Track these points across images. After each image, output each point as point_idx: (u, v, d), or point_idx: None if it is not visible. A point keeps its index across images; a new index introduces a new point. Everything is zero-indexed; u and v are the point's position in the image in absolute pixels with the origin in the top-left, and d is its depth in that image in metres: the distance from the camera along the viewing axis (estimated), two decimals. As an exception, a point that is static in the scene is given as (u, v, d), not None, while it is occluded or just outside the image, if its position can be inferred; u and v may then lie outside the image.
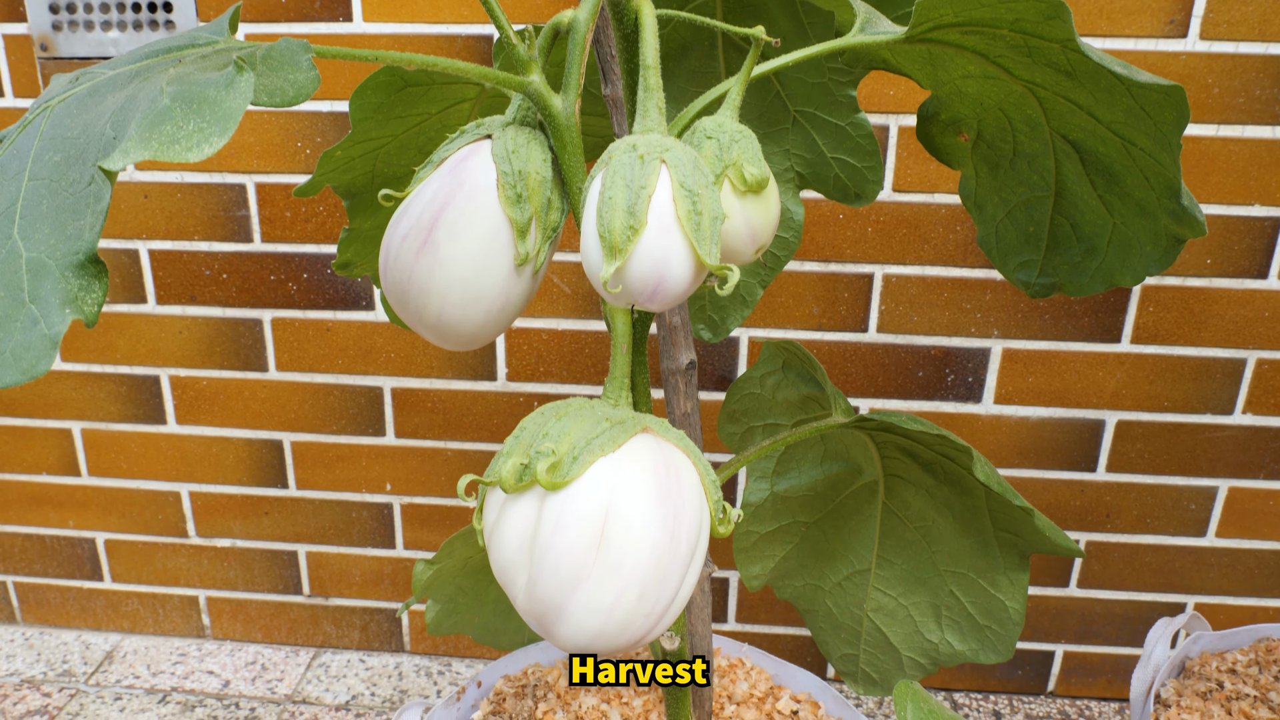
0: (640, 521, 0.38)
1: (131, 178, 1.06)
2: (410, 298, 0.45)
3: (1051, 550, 0.62)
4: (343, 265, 0.65)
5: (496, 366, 1.10)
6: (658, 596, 0.39)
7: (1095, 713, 1.20)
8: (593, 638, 0.39)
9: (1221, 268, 1.01)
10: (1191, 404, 1.06)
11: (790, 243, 0.72)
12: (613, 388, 0.43)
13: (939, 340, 1.06)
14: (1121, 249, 0.52)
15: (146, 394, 1.16)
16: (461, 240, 0.44)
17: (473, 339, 0.46)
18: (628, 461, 0.39)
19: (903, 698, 0.54)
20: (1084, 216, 0.53)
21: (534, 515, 0.39)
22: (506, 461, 0.39)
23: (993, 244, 0.59)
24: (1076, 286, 0.57)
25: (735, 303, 0.73)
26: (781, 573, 0.75)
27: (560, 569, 0.38)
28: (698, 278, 0.38)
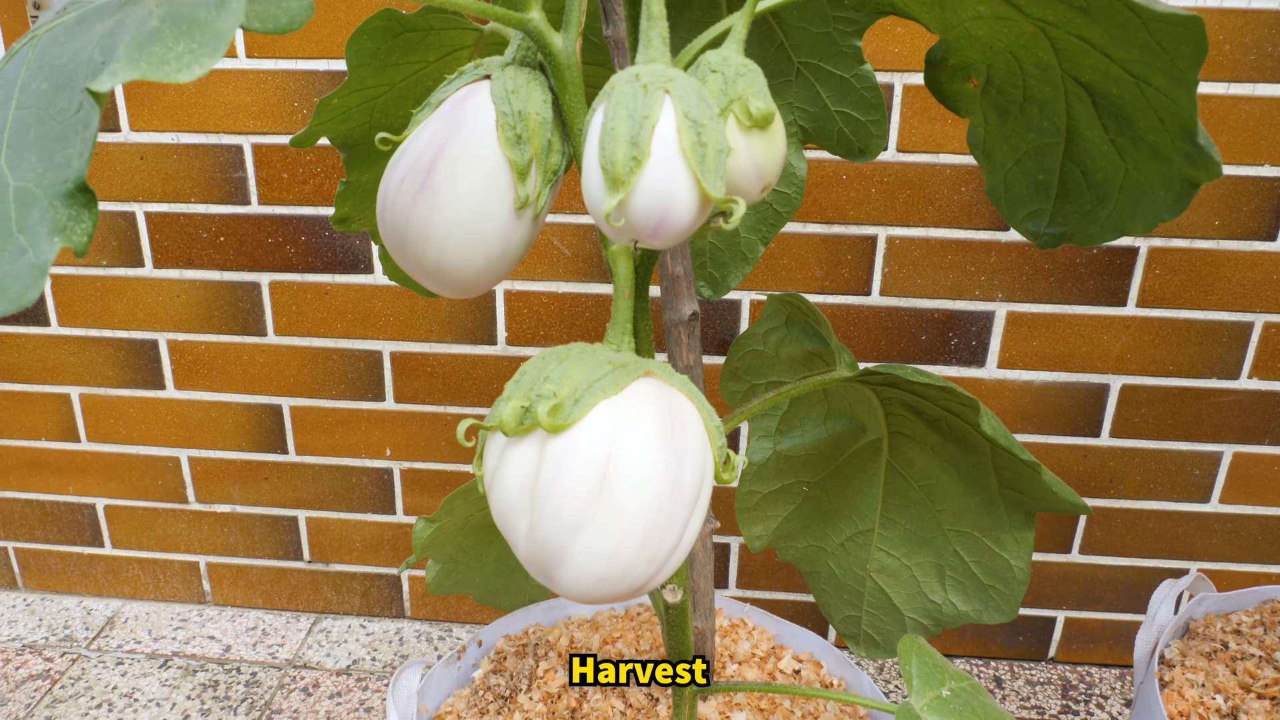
0: (643, 465, 0.37)
1: (127, 139, 1.05)
2: (408, 242, 0.44)
3: (1056, 507, 0.62)
4: (340, 220, 0.64)
5: (496, 330, 1.10)
6: (660, 542, 0.38)
7: (1096, 678, 1.20)
8: (595, 583, 0.38)
9: (1230, 229, 1.00)
10: (1197, 368, 1.06)
11: (792, 198, 0.70)
12: (615, 333, 0.42)
13: (943, 303, 1.05)
14: (1133, 195, 0.51)
15: (144, 358, 1.15)
16: (460, 183, 0.43)
17: (472, 285, 0.46)
18: (630, 404, 0.38)
19: (907, 651, 0.54)
20: (1095, 162, 0.52)
21: (535, 459, 0.38)
22: (507, 405, 0.38)
23: (1001, 193, 0.58)
24: (1086, 236, 0.56)
25: (736, 259, 0.72)
26: (784, 533, 0.74)
27: (562, 513, 0.37)
28: (703, 212, 0.37)
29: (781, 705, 0.71)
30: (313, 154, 1.04)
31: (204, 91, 1.02)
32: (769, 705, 0.71)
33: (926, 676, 0.52)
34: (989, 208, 1.00)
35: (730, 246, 0.70)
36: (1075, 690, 1.18)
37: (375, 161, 0.61)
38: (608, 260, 0.43)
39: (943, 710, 0.50)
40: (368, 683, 1.16)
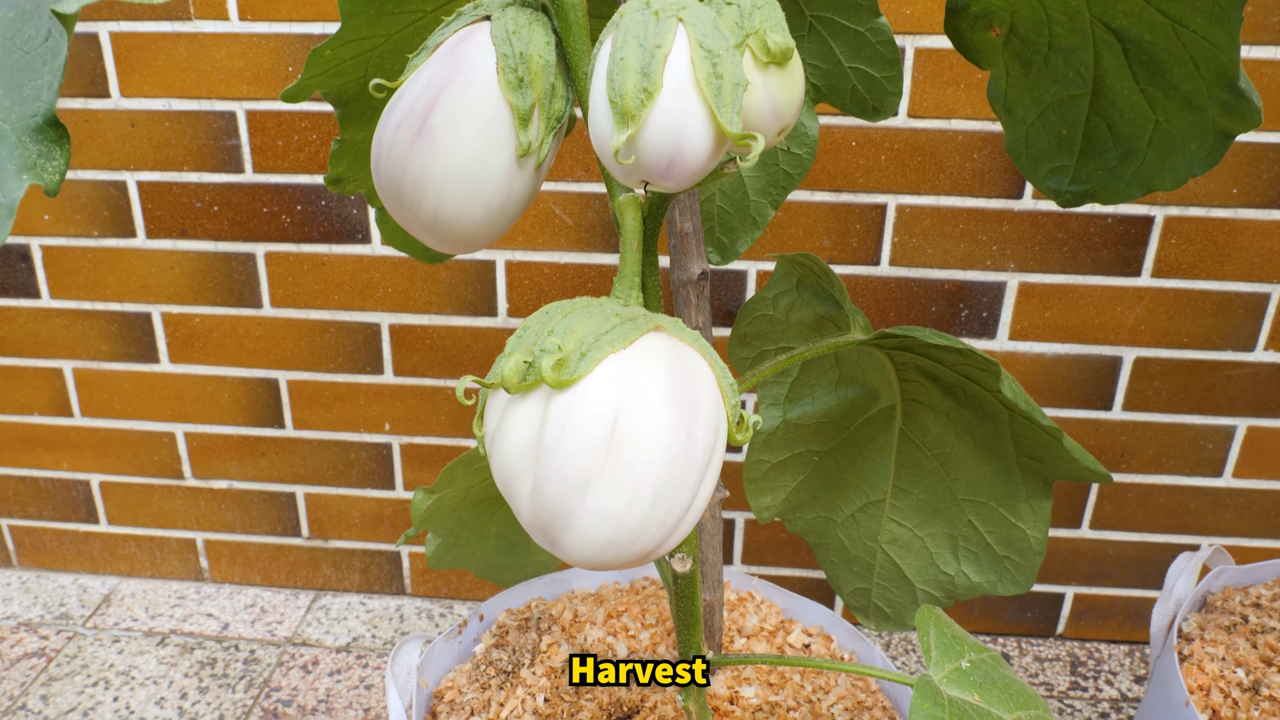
0: (653, 422, 0.35)
1: (117, 105, 1.02)
2: (405, 194, 0.42)
3: (1077, 476, 0.60)
4: (335, 181, 0.62)
5: (497, 302, 1.07)
6: (671, 503, 0.36)
7: (1105, 655, 1.18)
8: (602, 547, 0.36)
9: (1248, 197, 0.97)
10: (1212, 340, 1.04)
11: (804, 159, 0.68)
12: (622, 286, 0.40)
13: (953, 274, 1.02)
14: (1163, 149, 0.49)
15: (138, 331, 1.13)
16: (459, 129, 0.40)
17: (471, 239, 0.43)
18: (640, 359, 0.36)
19: (925, 622, 0.52)
20: (1123, 115, 0.50)
21: (539, 417, 0.36)
22: (508, 360, 0.36)
23: (1022, 150, 0.56)
24: (1111, 194, 0.53)
25: (745, 223, 0.69)
26: (793, 504, 0.72)
27: (568, 473, 0.35)
28: (718, 149, 0.35)
29: (791, 679, 0.69)
30: (308, 120, 1.01)
31: (196, 56, 0.99)
32: (778, 679, 0.69)
33: (945, 648, 0.50)
34: (1002, 175, 0.98)
35: (739, 210, 0.68)
36: (1084, 666, 1.17)
37: (371, 118, 0.59)
38: (614, 212, 0.41)
39: (962, 682, 0.49)
40: (368, 660, 1.15)
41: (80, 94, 1.02)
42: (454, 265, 1.06)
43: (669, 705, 0.66)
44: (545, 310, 0.39)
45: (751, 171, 0.68)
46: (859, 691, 0.69)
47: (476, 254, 1.05)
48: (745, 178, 0.67)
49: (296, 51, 0.98)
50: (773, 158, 0.68)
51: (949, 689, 0.48)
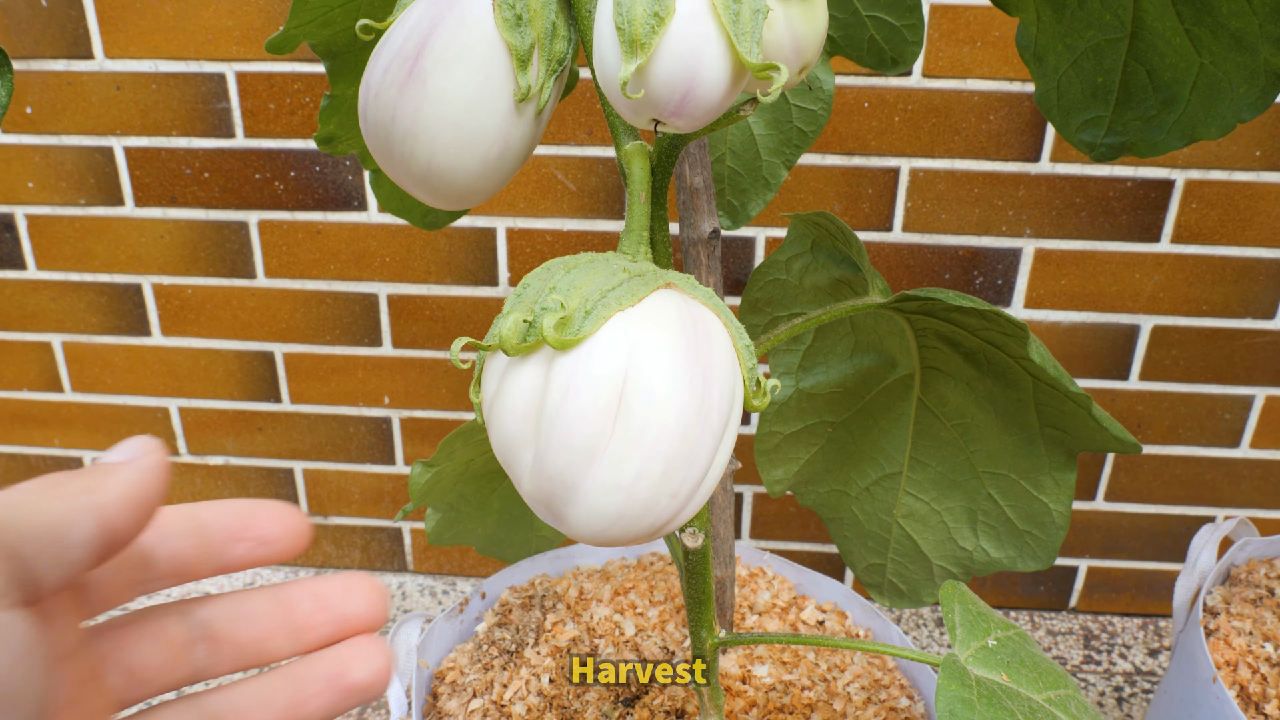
0: (665, 385, 0.32)
1: (102, 68, 0.99)
2: (395, 143, 0.39)
3: (1104, 446, 0.57)
4: (326, 140, 0.59)
5: (498, 271, 1.04)
6: (685, 474, 0.33)
7: (1118, 628, 1.17)
8: (610, 521, 0.34)
9: (1271, 160, 0.94)
10: (1231, 308, 1.01)
11: (819, 116, 0.65)
12: (629, 241, 0.37)
13: (967, 240, 0.99)
14: (1208, 95, 0.46)
15: (129, 304, 1.10)
16: (452, 71, 0.37)
17: (467, 193, 0.40)
18: (650, 317, 0.33)
19: (950, 599, 0.50)
20: (1164, 60, 0.47)
21: (541, 381, 0.33)
22: (507, 320, 0.33)
23: (1053, 101, 0.53)
24: (1150, 145, 0.50)
25: (757, 185, 0.66)
26: (805, 478, 0.70)
27: (573, 441, 0.32)
28: (735, 82, 0.32)
29: (805, 658, 0.67)
30: (300, 82, 0.98)
31: (182, 15, 0.96)
32: (792, 658, 0.67)
33: (970, 625, 0.48)
34: (1019, 137, 0.95)
35: (751, 171, 0.65)
36: (1097, 640, 1.15)
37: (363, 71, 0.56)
38: (620, 161, 0.38)
39: (989, 661, 0.46)
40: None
41: (63, 55, 0.98)
42: (453, 233, 1.03)
43: (679, 686, 0.63)
44: (547, 266, 0.36)
45: (764, 130, 0.65)
46: (875, 669, 0.67)
47: (476, 221, 1.02)
48: (757, 136, 0.64)
49: (286, 10, 0.95)
50: (786, 115, 0.65)
51: (976, 668, 0.45)
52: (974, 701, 0.43)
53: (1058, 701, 0.47)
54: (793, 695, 0.63)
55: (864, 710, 0.63)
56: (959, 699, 0.42)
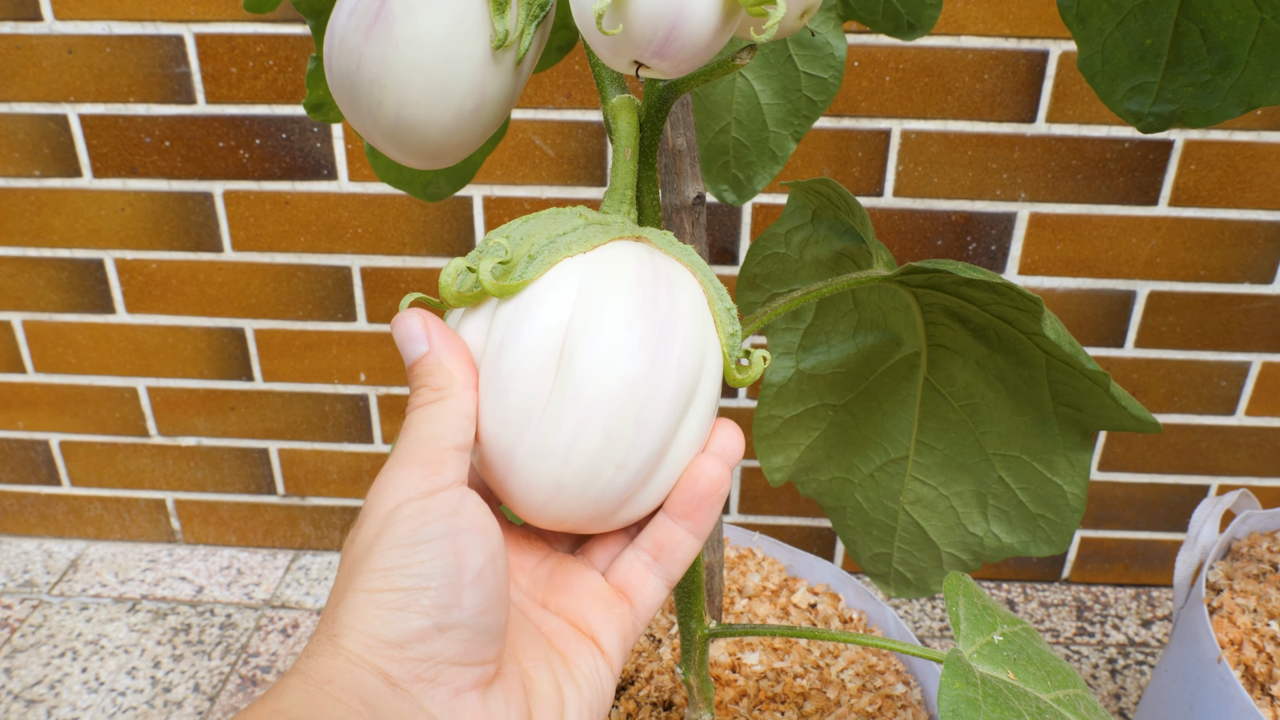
0: (608, 336, 0.29)
1: (52, 30, 0.93)
2: (361, 93, 0.35)
3: (1121, 425, 0.54)
4: (315, 106, 0.55)
5: (475, 241, 1.01)
6: (633, 441, 0.29)
7: (1111, 599, 1.15)
8: (549, 493, 0.30)
9: (1273, 119, 0.91)
10: (1229, 272, 0.98)
11: (829, 84, 0.62)
12: (612, 200, 0.34)
13: (961, 205, 0.96)
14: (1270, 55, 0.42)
15: (91, 280, 1.05)
16: (422, 14, 0.34)
17: (440, 150, 0.37)
18: (601, 265, 0.30)
19: (954, 591, 0.47)
20: (1220, 17, 0.43)
21: (484, 334, 0.30)
22: (448, 268, 0.30)
23: (1097, 66, 0.49)
24: (1204, 114, 0.47)
25: (764, 158, 0.63)
26: (806, 464, 0.67)
27: (507, 401, 0.29)
28: (727, 20, 0.29)
29: (798, 644, 0.65)
30: (263, 44, 0.93)
31: (136, -25, 0.91)
32: (784, 644, 0.65)
33: (976, 620, 0.45)
34: (1014, 97, 0.91)
35: (757, 143, 0.62)
36: (1090, 612, 1.14)
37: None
38: (607, 117, 0.34)
39: (995, 658, 0.44)
40: (349, 621, 1.10)
41: (9, 17, 0.93)
42: (429, 203, 0.99)
43: (665, 675, 0.61)
44: (513, 221, 0.33)
45: (771, 99, 0.61)
46: (870, 655, 0.64)
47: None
48: (764, 105, 0.61)
49: (248, -30, 0.90)
50: (795, 83, 0.61)
51: (981, 666, 0.43)
52: (979, 701, 0.40)
53: (1066, 701, 0.44)
54: (784, 683, 0.61)
55: (859, 698, 0.60)
56: (963, 698, 0.40)
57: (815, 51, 0.56)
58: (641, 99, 0.35)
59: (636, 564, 0.34)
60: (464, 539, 0.29)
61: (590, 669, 0.33)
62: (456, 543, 0.28)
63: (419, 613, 0.28)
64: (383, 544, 0.28)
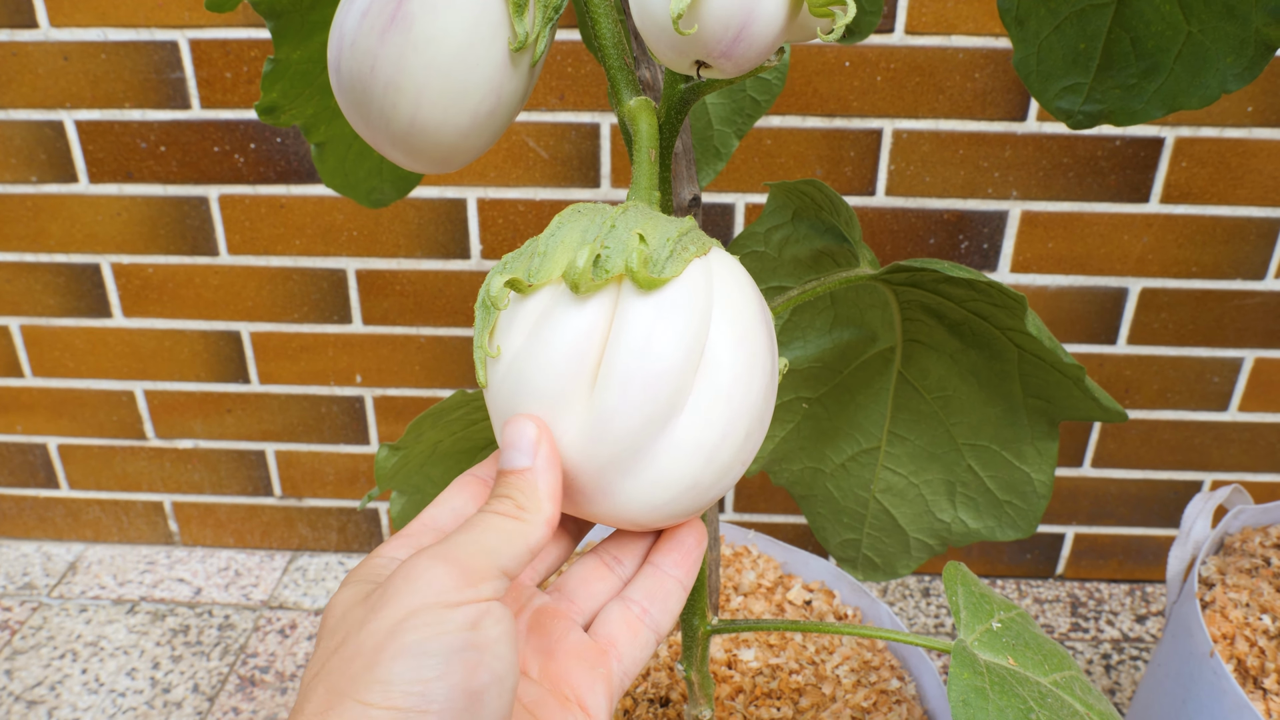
0: (754, 338, 0.30)
1: (48, 37, 0.94)
2: (374, 96, 0.35)
3: (1088, 415, 0.56)
4: (268, 110, 0.55)
5: (470, 243, 1.01)
6: (758, 438, 0.31)
7: (1105, 594, 1.16)
8: (680, 492, 0.30)
9: (1264, 116, 0.92)
10: (1221, 269, 0.99)
11: (773, 86, 0.62)
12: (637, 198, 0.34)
13: (953, 203, 0.97)
14: (1193, 64, 0.44)
15: (87, 284, 1.06)
16: (442, 15, 0.34)
17: (451, 153, 0.37)
18: (723, 270, 0.31)
19: (953, 580, 0.48)
20: (1150, 26, 0.45)
21: (602, 326, 0.29)
22: (561, 258, 0.30)
23: (1032, 67, 0.50)
24: (1128, 114, 0.48)
25: (708, 154, 0.64)
26: (779, 456, 0.68)
27: (650, 395, 0.29)
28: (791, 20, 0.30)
29: (793, 640, 0.65)
30: (257, 49, 0.94)
31: (131, -20, 0.91)
32: (779, 640, 0.65)
33: (974, 608, 0.46)
34: (1005, 96, 0.92)
35: (701, 140, 0.63)
36: (1084, 607, 1.14)
37: (310, 34, 0.52)
38: (624, 119, 0.35)
39: (994, 645, 0.45)
40: (347, 622, 1.11)
41: (4, 25, 0.93)
42: (422, 205, 1.00)
43: (663, 673, 0.61)
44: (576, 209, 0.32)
45: (715, 99, 0.62)
46: (865, 651, 0.65)
47: (446, 192, 0.99)
48: (709, 104, 0.62)
49: (241, -25, 0.90)
50: (739, 84, 0.62)
51: (983, 653, 0.44)
52: (987, 690, 0.41)
53: (1063, 684, 0.45)
54: (780, 679, 0.62)
55: (854, 693, 0.61)
56: (972, 688, 0.40)
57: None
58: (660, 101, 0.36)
59: (628, 615, 0.33)
60: (473, 656, 0.27)
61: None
62: (466, 660, 0.26)
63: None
64: (390, 651, 0.26)
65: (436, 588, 0.27)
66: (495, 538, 0.28)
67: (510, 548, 0.28)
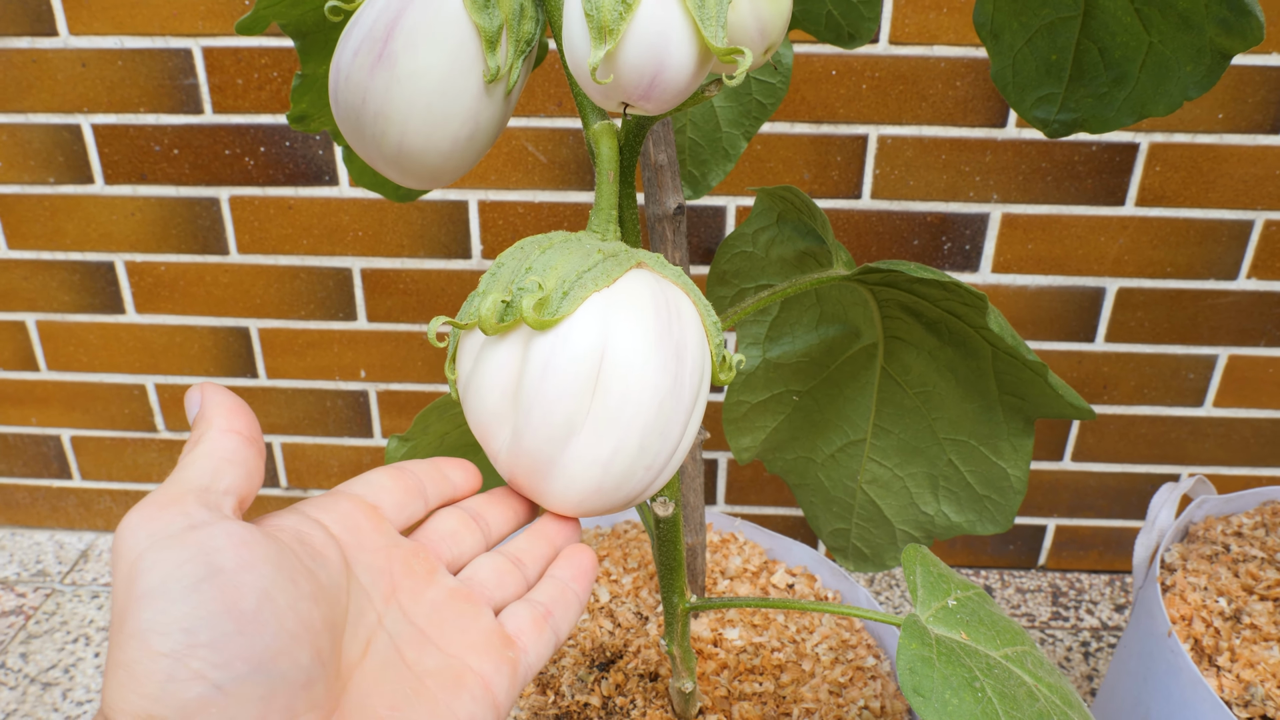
0: (641, 363, 0.33)
1: (66, 44, 0.98)
2: (366, 124, 0.40)
3: (1059, 412, 0.59)
4: (298, 118, 0.59)
5: (471, 243, 1.05)
6: (659, 447, 0.35)
7: (1086, 584, 1.19)
8: (588, 494, 0.35)
9: (1233, 123, 0.95)
10: (1195, 269, 1.03)
11: (778, 89, 0.66)
12: (599, 220, 0.38)
13: (936, 206, 1.01)
14: (1157, 73, 0.47)
15: (101, 282, 1.10)
16: (422, 53, 0.38)
17: (438, 172, 0.41)
18: (625, 297, 0.34)
19: (911, 561, 0.51)
20: (1115, 38, 0.48)
21: (518, 359, 0.34)
22: (485, 300, 0.34)
23: (1009, 78, 0.54)
24: (1101, 121, 0.52)
25: (717, 155, 0.67)
26: (772, 445, 0.71)
27: (551, 418, 0.34)
28: (702, 66, 0.33)
29: (775, 620, 0.69)
30: (268, 57, 0.97)
31: (146, -10, 0.95)
32: (762, 621, 0.69)
33: (931, 586, 0.49)
34: (985, 103, 0.96)
35: (711, 142, 0.66)
36: (1065, 597, 1.18)
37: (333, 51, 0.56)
38: (589, 141, 0.39)
39: (949, 620, 0.48)
40: (351, 608, 1.14)
41: (26, 33, 0.97)
42: (425, 207, 1.03)
43: (652, 650, 0.65)
44: (521, 245, 0.37)
45: (723, 102, 0.65)
46: (843, 630, 0.69)
47: (448, 194, 1.02)
48: (717, 108, 0.65)
49: (252, -15, 0.94)
50: (745, 87, 0.66)
51: (936, 628, 0.47)
52: (933, 659, 0.44)
53: (1015, 658, 0.49)
54: (763, 657, 0.65)
55: (831, 670, 0.65)
56: (919, 657, 0.44)
57: (771, 66, 0.60)
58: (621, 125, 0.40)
59: (535, 613, 0.34)
60: (228, 579, 0.25)
61: (470, 713, 0.30)
62: (220, 585, 0.25)
63: (191, 678, 0.24)
64: (134, 602, 0.25)
65: (150, 528, 0.26)
66: (190, 469, 0.29)
67: (203, 466, 0.29)
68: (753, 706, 0.61)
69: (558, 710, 0.61)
